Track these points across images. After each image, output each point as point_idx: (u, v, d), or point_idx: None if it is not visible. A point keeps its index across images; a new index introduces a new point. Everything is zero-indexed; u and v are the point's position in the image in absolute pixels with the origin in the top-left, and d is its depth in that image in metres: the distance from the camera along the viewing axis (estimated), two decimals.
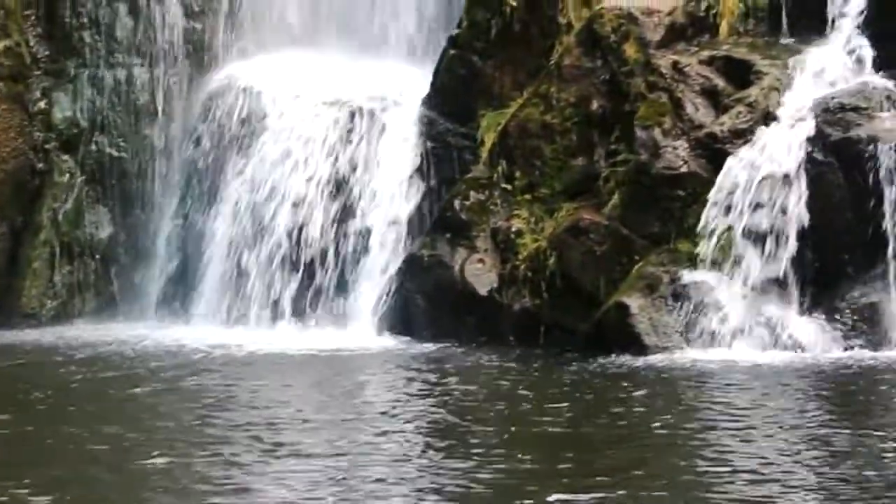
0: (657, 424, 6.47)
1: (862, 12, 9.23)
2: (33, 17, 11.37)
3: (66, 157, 11.32)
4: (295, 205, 10.30)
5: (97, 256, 11.17)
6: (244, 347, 9.25)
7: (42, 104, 11.36)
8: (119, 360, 8.90)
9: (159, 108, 11.27)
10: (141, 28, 11.32)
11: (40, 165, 11.23)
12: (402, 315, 9.65)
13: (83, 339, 9.99)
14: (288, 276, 10.18)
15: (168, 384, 7.94)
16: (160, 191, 11.18)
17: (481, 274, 9.44)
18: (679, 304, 8.64)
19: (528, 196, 9.50)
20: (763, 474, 5.45)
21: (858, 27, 9.24)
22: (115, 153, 11.27)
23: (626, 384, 7.66)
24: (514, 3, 9.82)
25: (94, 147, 11.29)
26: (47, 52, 11.43)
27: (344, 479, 5.51)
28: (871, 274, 8.56)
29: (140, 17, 11.33)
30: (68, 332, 10.44)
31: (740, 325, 8.57)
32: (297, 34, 11.29)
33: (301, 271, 10.18)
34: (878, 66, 9.10)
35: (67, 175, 11.28)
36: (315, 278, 10.18)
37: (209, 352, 9.11)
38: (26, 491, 5.29)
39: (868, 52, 9.16)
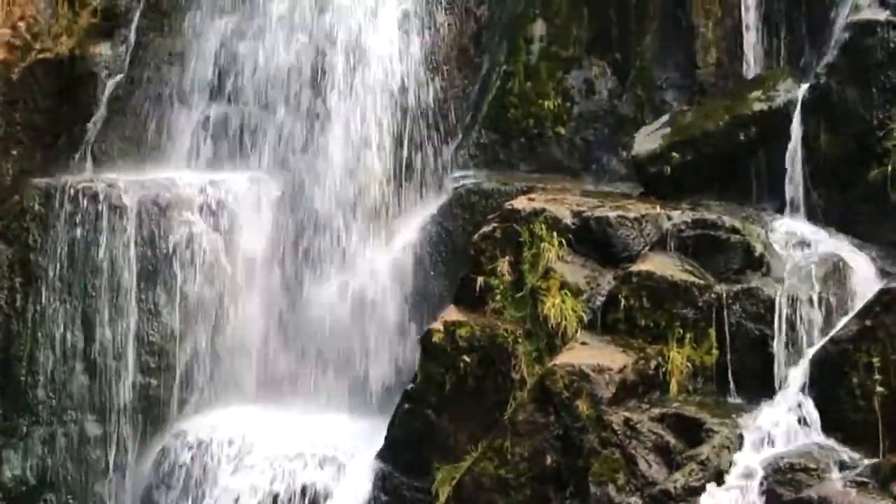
0: None
1: (807, 375, 9.44)
2: None
3: None
4: None
5: None
6: None
7: None
8: None
9: (111, 464, 11.24)
10: (96, 385, 11.42)
11: None
12: None
13: None
14: None
15: None
16: None
17: None
18: None
19: None
20: None
21: (804, 389, 9.42)
22: None
23: None
24: (468, 359, 10.02)
25: None
26: (1, 411, 11.46)
27: None
28: None
29: (96, 373, 11.45)
30: None
31: None
32: (254, 391, 11.46)
33: None
34: (825, 427, 9.24)
35: None
36: None
37: None
38: None
39: (814, 414, 9.30)
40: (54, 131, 12.71)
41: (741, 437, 9.22)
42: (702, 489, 8.94)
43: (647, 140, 10.77)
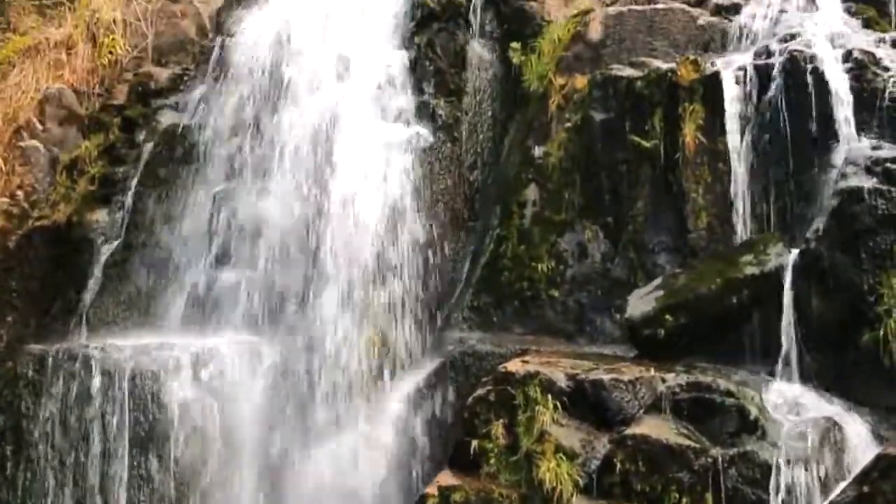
0: None
1: None
2: None
3: None
4: None
5: None
6: None
7: None
8: None
9: None
10: None
11: None
12: None
13: None
14: None
15: None
16: None
17: None
18: None
19: None
20: None
21: None
22: None
23: None
24: None
25: None
26: None
27: None
28: None
29: None
30: None
31: None
32: None
33: None
34: None
35: None
36: None
37: None
38: None
39: None
40: (49, 297, 12.75)
41: None
42: None
43: (640, 303, 10.81)
